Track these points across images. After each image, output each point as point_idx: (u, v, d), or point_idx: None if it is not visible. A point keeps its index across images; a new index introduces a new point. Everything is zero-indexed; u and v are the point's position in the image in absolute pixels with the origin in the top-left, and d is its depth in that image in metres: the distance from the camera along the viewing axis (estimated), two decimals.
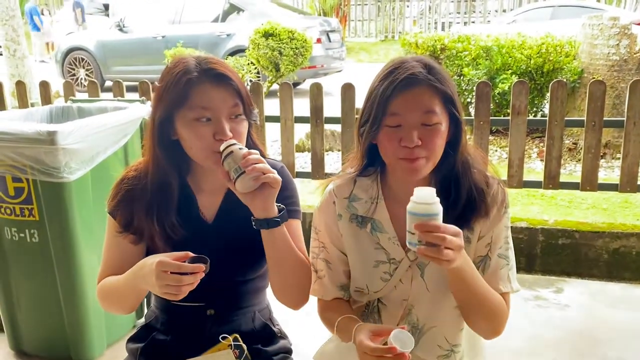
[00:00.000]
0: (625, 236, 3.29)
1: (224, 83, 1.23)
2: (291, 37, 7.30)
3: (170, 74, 1.24)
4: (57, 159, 2.09)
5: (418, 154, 1.17)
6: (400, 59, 1.25)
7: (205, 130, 1.21)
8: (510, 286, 1.30)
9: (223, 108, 1.22)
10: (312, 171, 3.99)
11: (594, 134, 3.39)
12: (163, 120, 1.24)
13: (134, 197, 1.31)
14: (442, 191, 1.25)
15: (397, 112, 1.18)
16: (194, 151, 1.25)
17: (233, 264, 1.35)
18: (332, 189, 1.37)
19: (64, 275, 2.26)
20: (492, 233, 1.29)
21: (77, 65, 10.03)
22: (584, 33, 4.82)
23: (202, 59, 1.25)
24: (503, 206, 1.29)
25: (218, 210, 1.36)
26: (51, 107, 2.77)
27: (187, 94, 1.21)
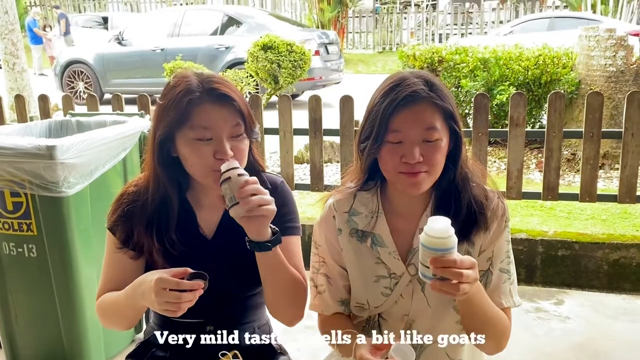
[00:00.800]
0: (625, 247, 3.29)
1: (227, 103, 1.23)
2: (289, 50, 7.32)
3: (172, 92, 1.23)
4: (56, 173, 2.09)
5: (419, 169, 1.18)
6: (400, 75, 1.25)
7: (206, 149, 1.21)
8: (512, 300, 1.30)
9: (224, 128, 1.22)
10: (311, 183, 3.99)
11: (593, 145, 3.40)
12: (164, 138, 1.24)
13: (134, 213, 1.31)
14: (442, 205, 1.27)
15: (399, 129, 1.18)
16: (194, 169, 1.25)
17: (232, 280, 1.34)
18: (332, 203, 1.37)
19: (62, 290, 2.25)
20: (493, 247, 1.29)
21: (76, 78, 10.06)
22: (581, 44, 4.84)
23: (204, 77, 1.25)
24: (503, 220, 1.29)
25: (218, 226, 1.36)
26: (50, 121, 2.77)
27: (188, 114, 1.20)
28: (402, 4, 21.91)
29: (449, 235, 1.04)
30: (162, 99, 1.26)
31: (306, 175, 4.61)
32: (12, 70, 5.80)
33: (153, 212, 1.29)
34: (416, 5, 20.99)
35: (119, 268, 1.33)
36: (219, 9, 11.56)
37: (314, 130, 3.85)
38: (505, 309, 1.29)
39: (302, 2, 18.34)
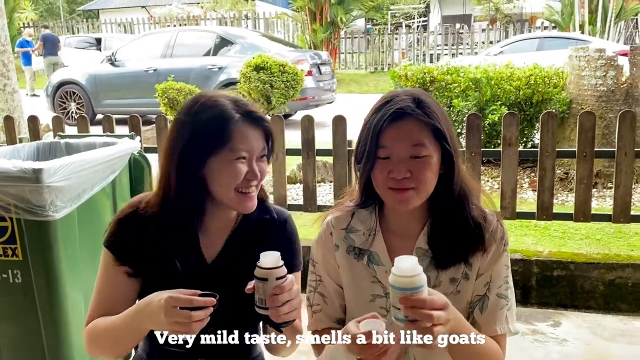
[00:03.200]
0: (620, 267, 3.26)
1: (260, 126, 1.25)
2: (282, 70, 7.35)
3: (207, 112, 1.23)
4: (42, 197, 2.04)
5: (406, 185, 1.19)
6: (391, 93, 1.26)
7: (242, 169, 1.23)
8: (508, 327, 1.26)
9: (257, 150, 1.25)
10: (304, 203, 3.96)
11: (586, 164, 3.39)
12: (195, 157, 1.22)
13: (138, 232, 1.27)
14: (439, 224, 1.26)
15: (386, 144, 1.19)
16: (223, 188, 1.24)
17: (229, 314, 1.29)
18: (330, 220, 1.37)
19: (48, 317, 2.18)
20: (491, 271, 1.26)
21: (68, 99, 10.02)
22: (571, 64, 4.88)
23: (238, 100, 1.27)
24: (502, 243, 1.27)
25: (220, 251, 1.33)
26: (38, 143, 2.73)
27: (229, 137, 1.21)
28: (393, 25, 22.17)
29: (417, 274, 1.01)
30: (193, 116, 1.23)
31: (299, 195, 4.58)
32: (3, 91, 5.76)
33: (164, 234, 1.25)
34: (407, 26, 21.23)
35: (115, 286, 1.28)
36: (211, 29, 11.62)
37: (306, 150, 3.83)
38: (500, 336, 1.25)
39: (294, 23, 18.49)
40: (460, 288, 1.26)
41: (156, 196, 1.28)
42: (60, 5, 28.67)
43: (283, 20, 18.74)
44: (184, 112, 1.26)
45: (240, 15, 19.50)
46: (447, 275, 1.26)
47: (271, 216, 1.36)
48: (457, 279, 1.26)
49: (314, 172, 3.87)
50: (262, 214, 1.35)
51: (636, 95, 4.62)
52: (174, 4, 21.95)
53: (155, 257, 1.25)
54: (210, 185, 1.24)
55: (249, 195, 1.25)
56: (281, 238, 1.36)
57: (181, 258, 1.26)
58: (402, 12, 24.83)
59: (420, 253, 1.26)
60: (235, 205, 1.26)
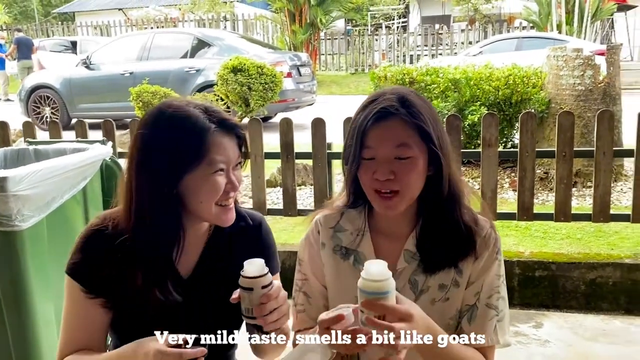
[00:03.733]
0: (600, 266, 3.27)
1: (234, 133, 1.19)
2: (260, 72, 7.27)
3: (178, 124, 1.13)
4: (8, 206, 1.95)
5: (391, 187, 1.15)
6: (379, 92, 1.22)
7: (221, 182, 1.16)
8: (497, 339, 1.22)
9: (233, 159, 1.19)
10: (284, 207, 3.91)
11: (565, 164, 3.39)
12: (169, 174, 1.13)
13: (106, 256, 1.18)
14: (429, 227, 1.22)
15: (371, 145, 1.16)
16: (203, 205, 1.17)
17: (206, 323, 1.24)
18: (319, 218, 1.35)
19: (17, 332, 2.09)
20: (482, 281, 1.22)
21: (43, 103, 9.82)
22: (550, 64, 4.90)
23: (208, 108, 1.18)
24: (495, 251, 1.23)
25: (195, 265, 1.27)
26: (6, 150, 2.64)
27: (207, 150, 1.13)
28: (373, 26, 22.22)
29: (385, 279, 1.00)
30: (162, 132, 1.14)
31: (279, 199, 4.51)
32: None
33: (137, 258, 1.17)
34: (387, 27, 21.31)
35: (84, 318, 1.20)
36: (188, 31, 11.49)
37: (285, 153, 3.78)
38: (487, 348, 1.22)
39: (273, 24, 18.43)
40: (450, 295, 1.22)
41: (125, 217, 1.18)
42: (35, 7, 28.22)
43: (262, 22, 18.67)
44: (150, 125, 1.16)
45: (218, 17, 19.38)
46: (435, 281, 1.22)
47: (245, 222, 1.32)
48: (446, 286, 1.22)
49: (293, 176, 3.82)
50: (237, 221, 1.29)
51: (613, 95, 4.66)
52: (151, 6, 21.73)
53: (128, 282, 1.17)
54: (188, 203, 1.16)
55: (228, 207, 1.20)
56: (257, 243, 1.32)
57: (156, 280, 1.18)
58: (382, 13, 24.92)
59: (409, 256, 1.23)
60: (215, 219, 1.20)
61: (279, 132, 3.79)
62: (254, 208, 3.85)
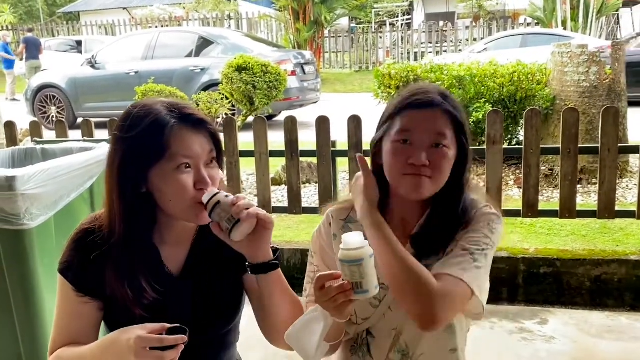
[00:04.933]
0: (606, 263, 3.27)
1: (203, 129, 1.17)
2: (265, 71, 7.29)
3: (139, 122, 1.14)
4: (17, 205, 1.98)
5: (424, 173, 1.18)
6: (419, 85, 1.30)
7: (187, 180, 1.14)
8: (462, 274, 1.14)
9: (202, 155, 1.16)
10: (289, 205, 3.92)
11: (570, 161, 3.39)
12: (134, 175, 1.14)
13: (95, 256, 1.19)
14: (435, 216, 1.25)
15: (409, 128, 1.20)
16: (173, 204, 1.15)
17: (202, 319, 1.25)
18: (331, 211, 1.38)
19: (26, 328, 2.12)
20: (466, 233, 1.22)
21: (48, 103, 9.87)
22: (554, 61, 4.89)
23: (174, 104, 1.17)
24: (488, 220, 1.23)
25: (184, 264, 1.27)
26: (14, 149, 2.66)
27: (167, 144, 1.12)
28: (377, 24, 22.19)
29: (360, 247, 1.07)
30: (126, 131, 1.15)
31: (284, 197, 4.53)
32: None
33: (120, 255, 1.18)
34: (391, 24, 21.26)
35: (76, 315, 1.21)
36: (193, 30, 11.51)
37: (290, 151, 3.79)
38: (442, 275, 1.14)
39: (278, 23, 18.42)
40: None
41: (106, 217, 1.20)
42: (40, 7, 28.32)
43: (266, 21, 18.66)
44: (118, 127, 1.17)
45: (223, 16, 19.38)
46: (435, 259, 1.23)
47: None
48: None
49: (298, 174, 3.83)
50: None
51: (618, 91, 4.65)
52: (156, 5, 21.76)
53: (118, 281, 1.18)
54: (159, 201, 1.16)
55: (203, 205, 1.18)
56: None
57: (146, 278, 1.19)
58: (386, 10, 24.88)
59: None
60: (191, 218, 1.17)
61: (283, 130, 3.81)
62: (259, 206, 3.85)
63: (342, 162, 3.98)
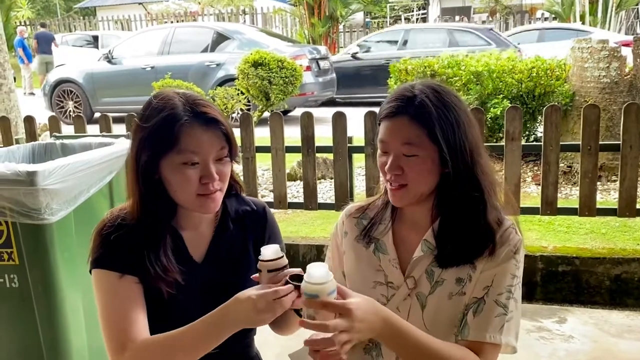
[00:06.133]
0: (626, 261, 3.22)
1: (214, 127, 1.19)
2: (280, 66, 7.28)
3: (156, 115, 1.19)
4: (38, 200, 1.99)
5: (399, 181, 1.20)
6: (401, 86, 1.26)
7: (192, 174, 1.18)
8: (501, 338, 1.17)
9: (211, 152, 1.19)
10: (305, 201, 3.92)
11: (590, 158, 3.34)
12: (148, 163, 1.19)
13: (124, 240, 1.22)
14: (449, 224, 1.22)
15: (384, 139, 1.22)
16: (178, 194, 1.21)
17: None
18: (347, 208, 1.41)
19: (46, 322, 2.14)
20: (493, 275, 1.20)
21: (66, 97, 9.96)
22: (574, 56, 4.82)
23: (191, 100, 1.20)
24: (512, 250, 1.20)
25: (207, 251, 1.30)
26: (34, 144, 2.68)
27: (177, 139, 1.17)
28: (392, 18, 22.06)
29: (325, 282, 1.05)
30: (145, 121, 1.20)
31: (299, 193, 4.53)
32: None
33: (143, 238, 1.22)
34: (406, 19, 21.12)
35: (130, 299, 1.20)
36: (209, 25, 11.53)
37: (306, 147, 3.78)
38: (487, 345, 1.16)
39: (292, 17, 18.40)
40: (466, 290, 1.21)
41: (128, 201, 1.26)
42: (57, 3, 28.57)
43: (281, 15, 18.65)
44: (140, 115, 1.23)
45: (237, 11, 19.42)
46: (452, 274, 1.22)
47: (250, 207, 1.36)
48: (463, 280, 1.21)
49: (314, 169, 3.83)
50: (240, 206, 1.35)
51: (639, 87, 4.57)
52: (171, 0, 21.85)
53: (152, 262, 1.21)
54: (168, 190, 1.21)
55: (210, 196, 1.21)
56: (265, 227, 1.37)
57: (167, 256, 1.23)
58: (401, 4, 24.73)
59: (426, 246, 1.24)
60: (196, 208, 1.22)
61: (298, 126, 3.80)
62: (275, 202, 3.87)
63: (358, 158, 3.97)
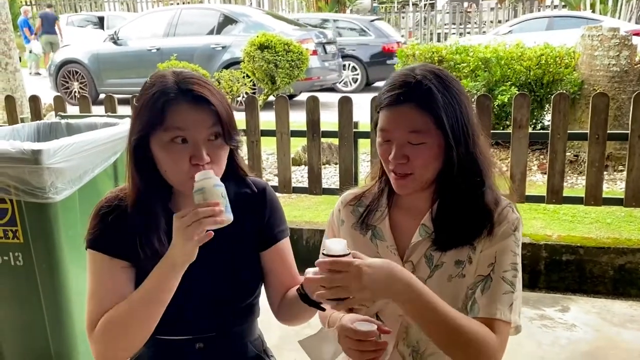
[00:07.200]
0: (631, 252, 3.21)
1: (203, 105, 1.16)
2: (287, 50, 7.23)
3: (147, 92, 1.17)
4: (42, 178, 1.99)
5: (404, 170, 1.18)
6: (400, 72, 1.22)
7: (181, 153, 1.15)
8: (510, 316, 1.17)
9: (201, 130, 1.15)
10: (309, 186, 3.91)
11: (598, 147, 3.32)
12: (139, 141, 1.17)
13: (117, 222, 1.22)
14: (446, 208, 1.23)
15: (385, 127, 1.19)
16: (168, 174, 1.18)
17: (221, 289, 1.27)
18: (343, 196, 1.39)
19: (50, 300, 2.16)
20: (494, 252, 1.19)
21: (71, 78, 9.94)
22: (584, 44, 4.76)
23: (181, 77, 1.18)
24: (511, 228, 1.20)
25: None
26: (39, 123, 2.68)
27: (163, 116, 1.14)
28: (400, 3, 21.84)
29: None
30: (138, 99, 1.20)
31: (304, 177, 4.52)
32: (5, 70, 5.68)
33: (137, 220, 1.21)
34: (414, 4, 20.92)
35: (114, 282, 1.21)
36: (215, 7, 11.45)
37: (311, 132, 3.77)
38: (497, 322, 1.15)
39: (299, 1, 18.25)
40: (466, 272, 1.21)
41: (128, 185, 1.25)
42: None
43: None
44: (138, 93, 1.22)
45: None
46: (451, 257, 1.22)
47: (251, 189, 1.33)
48: (462, 262, 1.21)
49: (319, 154, 3.81)
50: (240, 189, 1.32)
51: None
52: None
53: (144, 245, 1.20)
54: (160, 170, 1.19)
55: None
56: (264, 207, 1.34)
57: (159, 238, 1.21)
58: None
59: (424, 231, 1.24)
60: (188, 190, 1.17)
61: (303, 111, 3.78)
62: (280, 186, 3.87)
63: (363, 143, 3.95)
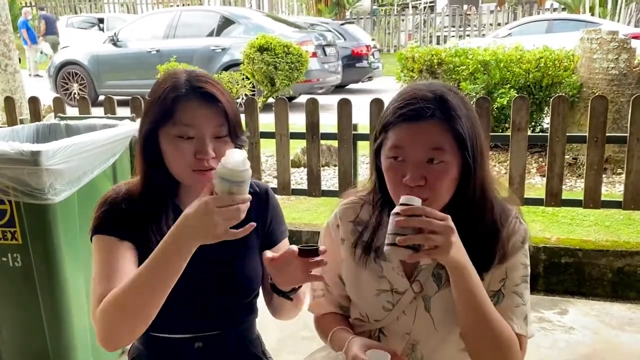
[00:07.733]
0: (629, 254, 3.21)
1: (211, 103, 1.20)
2: (286, 52, 7.23)
3: (159, 88, 1.22)
4: (41, 180, 1.99)
5: (420, 195, 1.06)
6: (413, 88, 1.15)
7: (187, 148, 1.19)
8: (526, 329, 1.19)
9: (208, 127, 1.19)
10: (308, 188, 3.91)
11: (597, 150, 3.32)
12: (149, 135, 1.21)
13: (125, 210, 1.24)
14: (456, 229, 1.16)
15: (402, 145, 1.10)
16: (173, 167, 1.22)
17: (222, 288, 1.28)
18: (338, 212, 1.33)
19: (48, 301, 2.15)
20: (506, 267, 1.19)
21: (71, 79, 9.94)
22: (583, 47, 4.77)
23: (193, 75, 1.23)
24: (520, 240, 1.20)
25: None
26: (38, 125, 2.68)
27: (172, 111, 1.19)
28: (399, 6, 21.88)
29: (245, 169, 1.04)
30: (150, 95, 1.24)
31: (303, 179, 4.52)
32: (4, 71, 5.69)
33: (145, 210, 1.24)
34: (414, 7, 20.96)
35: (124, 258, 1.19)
36: (214, 9, 11.46)
37: (311, 134, 3.77)
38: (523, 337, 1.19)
39: (299, 3, 18.28)
40: None
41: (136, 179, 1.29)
42: None
43: (287, 0, 18.53)
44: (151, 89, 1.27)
45: None
46: None
47: (253, 189, 1.34)
48: None
49: (318, 156, 3.81)
50: None
51: None
52: None
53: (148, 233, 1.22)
54: (166, 163, 1.23)
55: (206, 173, 1.18)
56: (267, 209, 1.37)
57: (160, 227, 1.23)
58: None
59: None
60: (191, 183, 1.23)
61: (302, 113, 3.78)
62: (279, 187, 3.87)
63: (363, 145, 3.95)
